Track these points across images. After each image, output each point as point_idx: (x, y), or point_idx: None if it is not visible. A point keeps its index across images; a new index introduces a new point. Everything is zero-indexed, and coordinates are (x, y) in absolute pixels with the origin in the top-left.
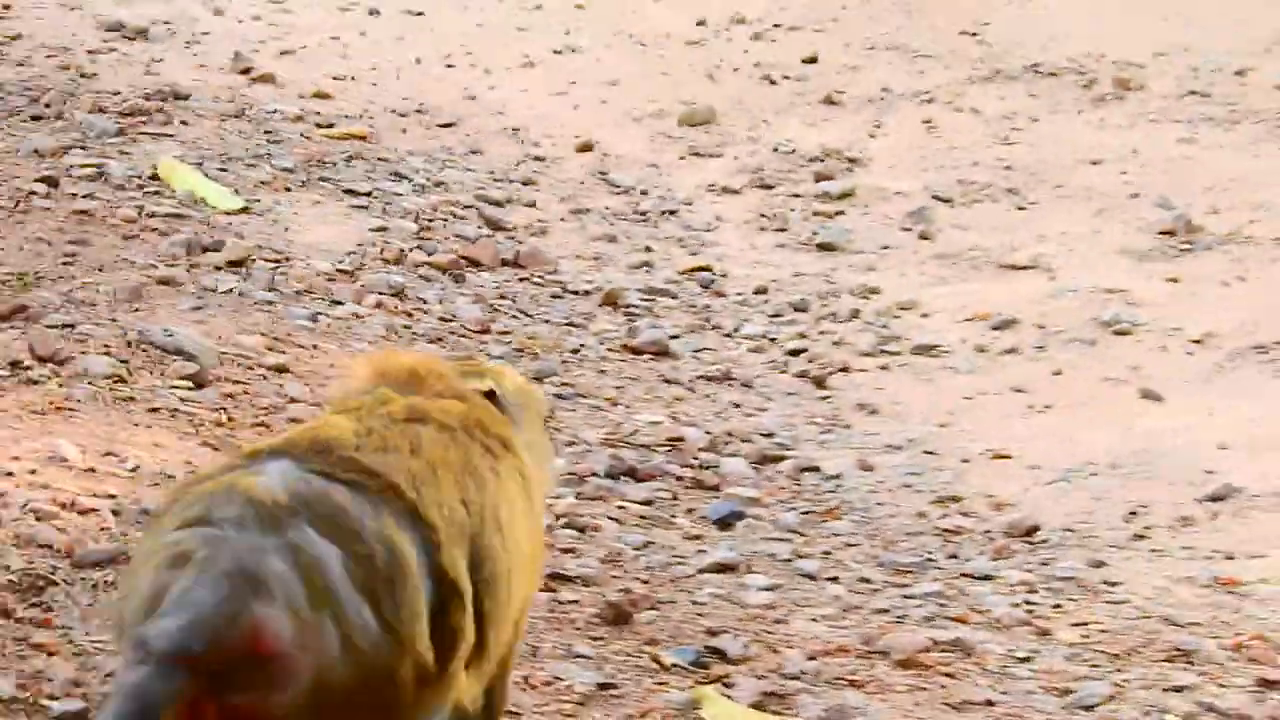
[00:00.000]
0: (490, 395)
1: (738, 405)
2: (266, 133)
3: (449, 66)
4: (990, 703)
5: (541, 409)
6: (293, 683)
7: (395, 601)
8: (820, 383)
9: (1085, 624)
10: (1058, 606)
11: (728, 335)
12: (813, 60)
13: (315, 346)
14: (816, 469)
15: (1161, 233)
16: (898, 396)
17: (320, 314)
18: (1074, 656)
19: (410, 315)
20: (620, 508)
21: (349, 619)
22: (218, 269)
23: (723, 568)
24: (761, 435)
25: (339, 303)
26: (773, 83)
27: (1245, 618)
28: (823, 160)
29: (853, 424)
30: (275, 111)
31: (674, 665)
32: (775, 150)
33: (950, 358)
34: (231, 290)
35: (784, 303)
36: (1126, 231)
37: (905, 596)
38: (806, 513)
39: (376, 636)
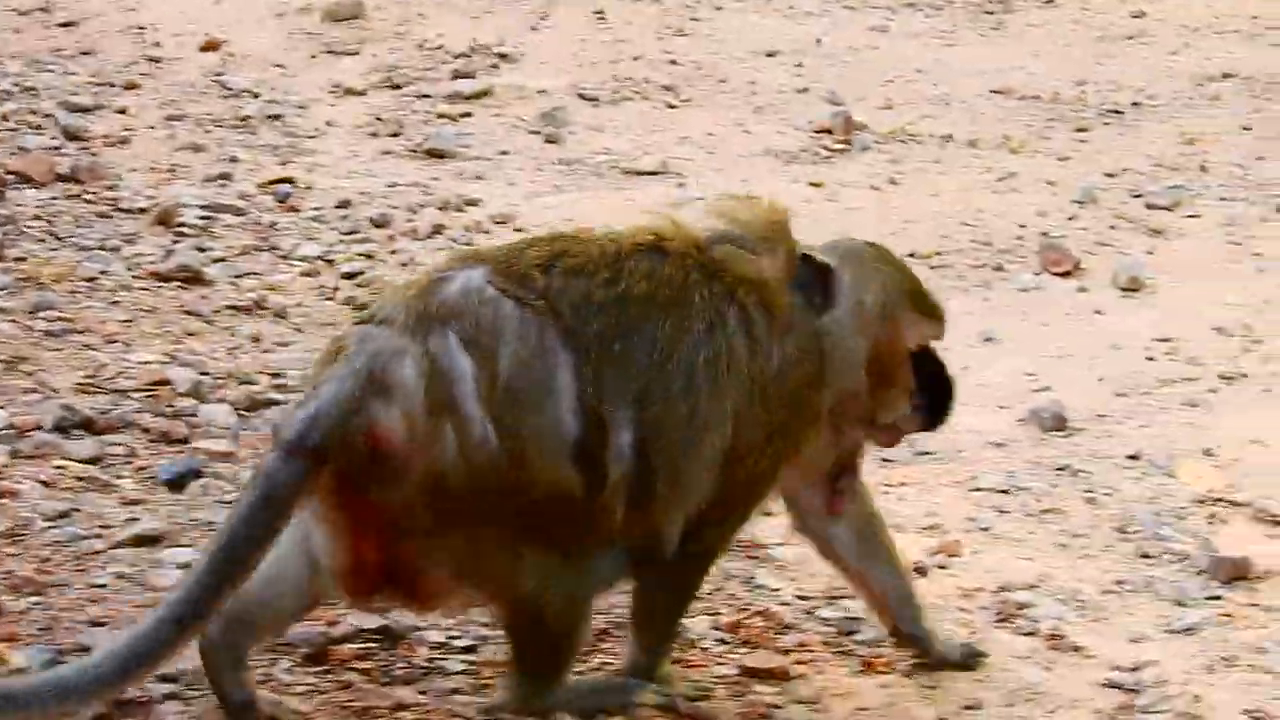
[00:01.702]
0: (817, 267)
1: (257, 340)
2: None
3: None
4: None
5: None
6: (405, 480)
7: (518, 420)
8: (364, 308)
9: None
10: None
11: (283, 257)
12: None
13: None
14: None
15: (818, 131)
16: None
17: None
18: None
19: None
20: (57, 468)
21: (468, 429)
22: None
23: (141, 540)
24: (267, 375)
25: None
26: None
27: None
28: (469, 56)
29: None
30: None
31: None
32: (420, 47)
33: None
34: None
35: (364, 218)
36: (782, 131)
37: None
38: None
39: (494, 449)
